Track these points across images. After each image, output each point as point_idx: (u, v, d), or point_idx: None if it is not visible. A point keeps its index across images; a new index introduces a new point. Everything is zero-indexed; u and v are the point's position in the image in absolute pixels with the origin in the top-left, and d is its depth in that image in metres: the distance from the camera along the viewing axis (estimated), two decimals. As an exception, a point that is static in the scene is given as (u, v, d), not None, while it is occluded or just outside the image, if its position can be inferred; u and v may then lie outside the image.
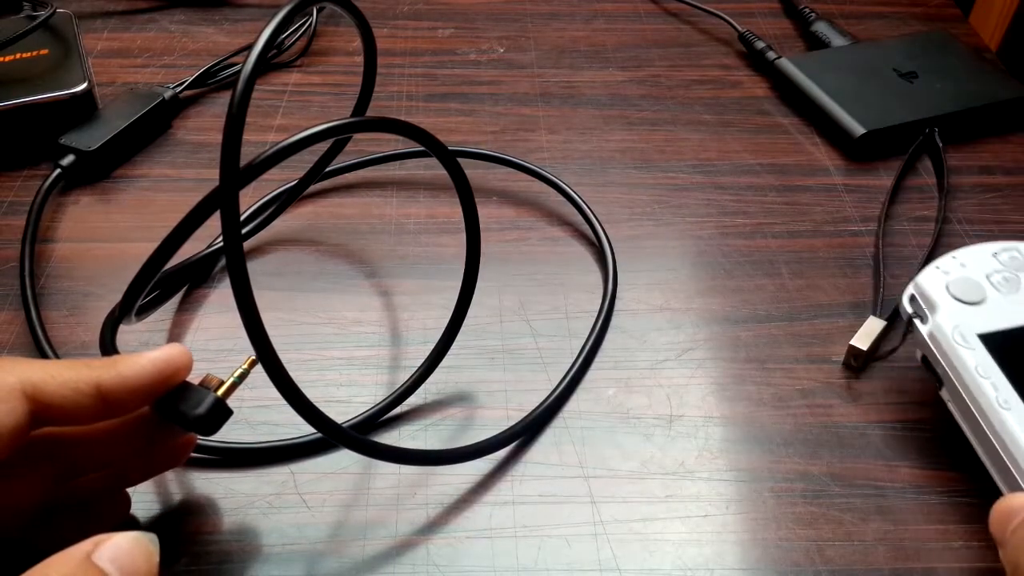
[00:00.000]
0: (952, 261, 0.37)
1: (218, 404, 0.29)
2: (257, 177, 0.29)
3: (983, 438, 0.33)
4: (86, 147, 0.47)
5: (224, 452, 0.35)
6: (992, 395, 0.33)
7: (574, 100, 0.54)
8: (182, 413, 0.29)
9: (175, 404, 0.29)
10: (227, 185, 0.27)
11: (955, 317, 0.35)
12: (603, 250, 0.44)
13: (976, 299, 0.35)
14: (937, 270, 0.36)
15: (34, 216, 0.44)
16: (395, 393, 0.37)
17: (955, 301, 0.35)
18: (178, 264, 0.41)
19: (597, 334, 0.40)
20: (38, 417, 0.26)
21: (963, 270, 0.36)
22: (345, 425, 0.36)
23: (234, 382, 0.30)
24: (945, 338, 0.34)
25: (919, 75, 0.53)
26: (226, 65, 0.55)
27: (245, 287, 0.27)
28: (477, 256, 0.36)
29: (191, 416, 0.29)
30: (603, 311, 0.41)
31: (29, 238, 0.43)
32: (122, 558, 0.23)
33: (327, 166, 0.44)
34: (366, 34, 0.37)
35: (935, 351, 0.35)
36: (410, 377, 0.37)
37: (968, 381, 0.33)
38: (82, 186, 0.47)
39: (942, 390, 0.35)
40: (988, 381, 0.33)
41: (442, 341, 0.37)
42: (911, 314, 0.36)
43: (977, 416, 0.33)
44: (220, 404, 0.29)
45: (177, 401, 0.29)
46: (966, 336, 0.34)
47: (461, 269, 0.37)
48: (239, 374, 0.31)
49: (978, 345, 0.34)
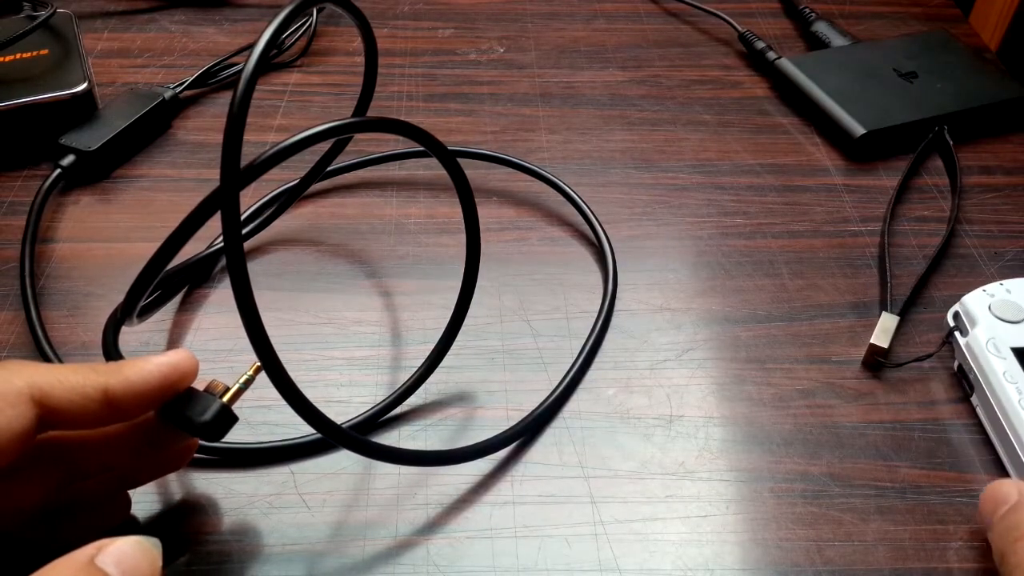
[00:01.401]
0: (999, 287, 0.40)
1: (224, 410, 0.29)
2: (258, 178, 0.29)
3: (1006, 442, 0.35)
4: (86, 147, 0.47)
5: (224, 452, 0.35)
6: (1016, 398, 0.35)
7: (574, 100, 0.54)
8: (188, 419, 0.29)
9: (181, 410, 0.29)
10: (227, 186, 0.27)
11: (993, 331, 0.38)
12: (603, 250, 0.44)
13: (1015, 319, 0.38)
14: (984, 292, 0.39)
15: (34, 216, 0.44)
16: (395, 393, 0.37)
17: (996, 319, 0.38)
18: (179, 264, 0.41)
19: (597, 334, 0.40)
20: (45, 421, 0.26)
21: (1008, 295, 0.39)
22: (345, 425, 0.36)
23: (239, 388, 0.30)
24: (980, 348, 0.37)
25: (919, 75, 0.53)
26: (226, 65, 0.55)
27: (245, 288, 0.27)
28: (477, 256, 0.36)
29: (197, 422, 0.29)
30: (603, 311, 0.41)
31: (29, 238, 0.43)
32: (125, 562, 0.24)
33: (328, 166, 0.44)
34: (367, 34, 0.37)
35: (970, 359, 0.38)
36: (410, 377, 0.37)
37: (995, 385, 0.36)
38: (82, 186, 0.47)
39: (973, 396, 0.38)
40: (1014, 386, 0.36)
41: (442, 341, 0.37)
42: (952, 328, 0.39)
43: (1000, 417, 0.35)
44: (226, 410, 0.29)
45: (183, 407, 0.29)
46: (1000, 347, 0.37)
47: (461, 269, 0.37)
48: (244, 380, 0.31)
49: (1010, 356, 0.37)
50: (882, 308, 0.41)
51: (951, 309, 0.40)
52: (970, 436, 0.37)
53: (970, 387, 0.38)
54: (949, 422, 0.37)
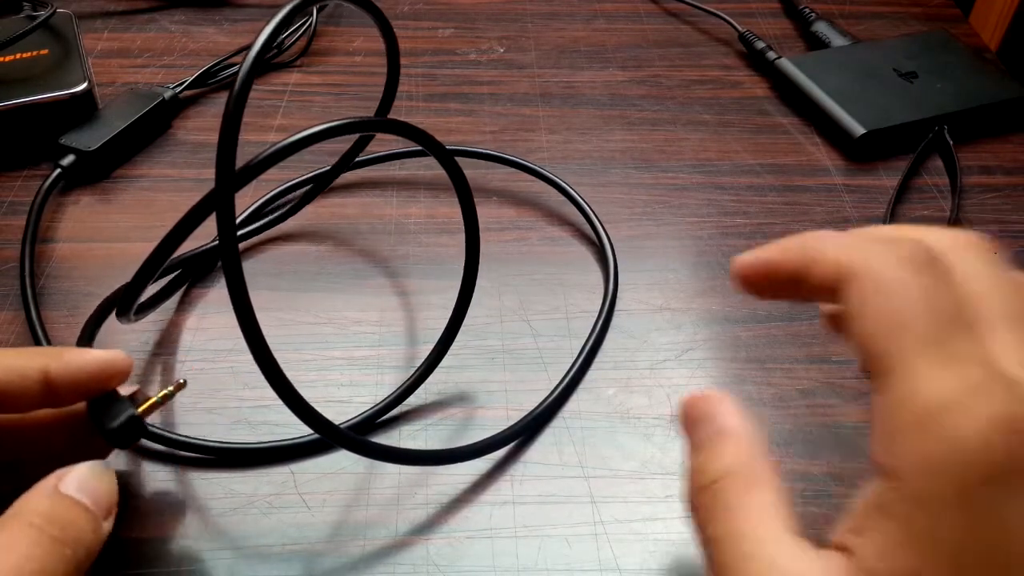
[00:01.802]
0: None
1: (132, 420, 0.30)
2: (255, 178, 0.29)
3: None
4: (86, 147, 0.47)
5: (223, 452, 0.35)
6: None
7: (574, 100, 0.54)
8: (100, 421, 0.30)
9: (99, 410, 0.30)
10: (223, 187, 0.27)
11: None
12: (604, 250, 0.44)
13: None
14: None
15: (34, 216, 0.44)
16: (395, 393, 0.37)
17: None
18: (180, 256, 0.41)
19: (597, 334, 0.40)
20: None
21: None
22: (345, 425, 0.36)
23: (155, 402, 0.31)
24: None
25: (919, 75, 0.53)
26: (226, 65, 0.55)
27: (241, 289, 0.27)
28: (476, 256, 0.36)
29: (106, 426, 0.29)
30: (603, 311, 0.41)
31: (29, 238, 0.43)
32: (86, 486, 0.26)
33: (349, 165, 0.44)
34: (387, 32, 0.37)
35: None
36: (410, 376, 0.37)
37: None
38: (82, 186, 0.47)
39: None
40: None
41: (442, 341, 0.37)
42: None
43: None
44: (135, 420, 0.30)
45: (102, 408, 0.30)
46: None
47: (461, 269, 0.37)
48: (163, 394, 0.31)
49: None
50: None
51: None
52: (970, 436, 0.37)
53: None
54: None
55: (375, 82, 0.55)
